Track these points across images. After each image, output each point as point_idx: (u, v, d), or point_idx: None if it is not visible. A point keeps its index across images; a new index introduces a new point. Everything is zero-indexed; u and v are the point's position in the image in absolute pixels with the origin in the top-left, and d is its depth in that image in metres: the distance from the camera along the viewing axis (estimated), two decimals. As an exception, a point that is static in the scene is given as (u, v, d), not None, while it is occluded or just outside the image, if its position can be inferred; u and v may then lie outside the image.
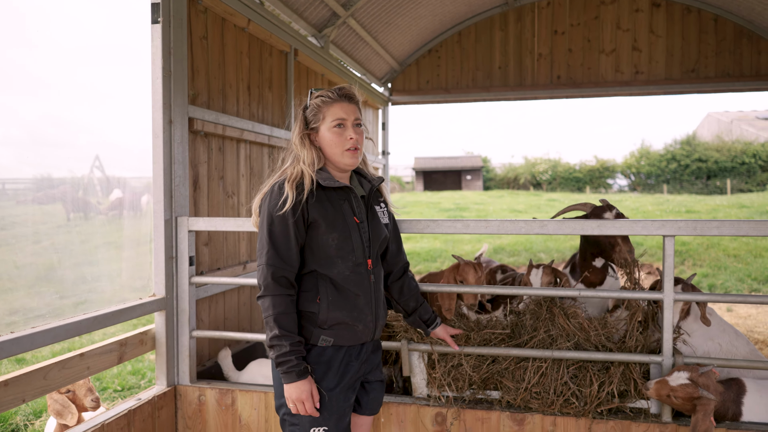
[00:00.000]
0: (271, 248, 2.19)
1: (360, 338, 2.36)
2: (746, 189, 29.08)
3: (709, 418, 2.51)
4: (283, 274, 2.20)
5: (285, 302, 2.19)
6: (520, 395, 2.94)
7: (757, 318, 7.71)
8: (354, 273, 2.31)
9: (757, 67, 6.96)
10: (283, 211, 2.19)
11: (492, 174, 39.32)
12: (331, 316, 2.27)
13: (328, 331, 2.28)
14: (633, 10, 7.26)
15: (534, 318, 3.06)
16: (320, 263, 2.27)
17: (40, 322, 2.52)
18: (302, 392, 2.18)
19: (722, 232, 2.74)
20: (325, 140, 2.32)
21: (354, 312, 2.31)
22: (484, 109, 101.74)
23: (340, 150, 2.31)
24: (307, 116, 2.37)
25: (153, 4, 3.22)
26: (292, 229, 2.20)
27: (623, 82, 7.34)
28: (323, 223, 2.25)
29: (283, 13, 5.06)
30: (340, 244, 2.27)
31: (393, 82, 8.02)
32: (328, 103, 2.33)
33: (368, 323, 2.36)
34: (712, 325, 3.25)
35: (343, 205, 2.33)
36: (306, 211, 2.23)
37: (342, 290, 2.29)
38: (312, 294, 2.28)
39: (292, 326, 2.19)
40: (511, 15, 7.60)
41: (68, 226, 4.48)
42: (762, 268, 10.76)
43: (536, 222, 2.94)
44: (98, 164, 4.64)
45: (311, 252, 2.27)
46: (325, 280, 2.28)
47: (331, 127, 2.31)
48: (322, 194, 2.29)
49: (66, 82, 3.86)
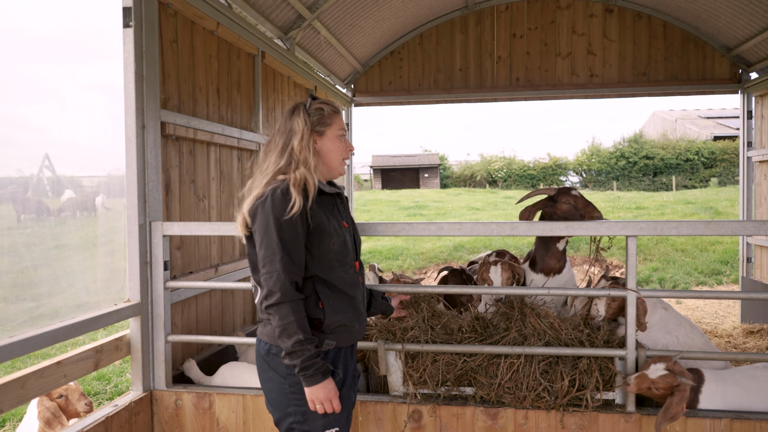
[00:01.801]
0: (285, 254, 2.17)
1: (355, 337, 2.43)
2: (690, 185, 30.29)
3: (683, 404, 2.69)
4: (295, 279, 2.21)
5: (300, 307, 2.20)
6: (494, 391, 3.06)
7: (704, 309, 8.11)
8: (349, 275, 2.37)
9: (702, 71, 7.31)
10: (291, 216, 2.18)
11: (449, 172, 39.78)
12: (334, 320, 2.31)
13: (331, 335, 2.32)
14: (587, 15, 7.51)
15: (505, 319, 3.19)
16: (321, 268, 2.29)
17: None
18: (329, 391, 2.21)
19: (680, 232, 2.92)
20: (327, 147, 2.37)
21: (352, 313, 2.38)
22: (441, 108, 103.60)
23: (340, 158, 2.41)
24: (311, 119, 2.36)
25: (125, 8, 3.20)
26: (301, 234, 2.21)
27: (579, 85, 7.59)
28: (324, 228, 2.28)
29: (250, 15, 5.06)
30: (338, 249, 2.32)
31: (356, 84, 8.08)
32: (335, 113, 2.42)
33: (362, 322, 2.46)
34: (669, 318, 3.45)
35: (333, 210, 2.39)
36: (309, 217, 2.24)
37: (339, 293, 2.33)
38: (313, 299, 2.29)
39: (309, 330, 2.21)
40: (471, 18, 7.76)
41: (19, 228, 4.37)
42: (708, 261, 11.29)
43: (507, 224, 3.07)
44: (48, 163, 4.54)
45: (312, 257, 2.27)
46: (322, 285, 2.31)
47: (337, 135, 2.39)
48: (319, 200, 2.32)
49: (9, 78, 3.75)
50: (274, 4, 5.23)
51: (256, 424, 3.24)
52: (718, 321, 7.41)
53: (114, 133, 3.75)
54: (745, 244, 7.07)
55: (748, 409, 2.97)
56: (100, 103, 3.86)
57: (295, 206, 2.18)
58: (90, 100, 3.97)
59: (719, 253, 11.68)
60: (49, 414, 2.86)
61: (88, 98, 3.96)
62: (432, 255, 13.09)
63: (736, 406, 2.97)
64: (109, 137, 3.89)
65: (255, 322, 5.03)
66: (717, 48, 7.15)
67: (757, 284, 6.78)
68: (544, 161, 36.51)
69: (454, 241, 13.63)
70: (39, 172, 4.51)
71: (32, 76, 3.91)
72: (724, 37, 6.94)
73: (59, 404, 3.04)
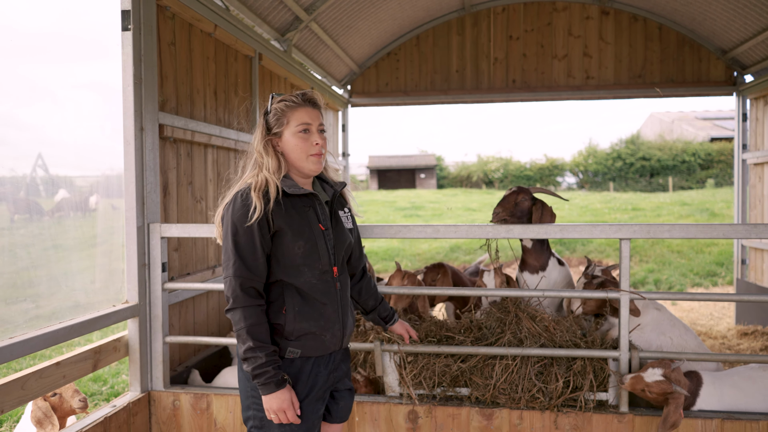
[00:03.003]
0: (238, 259, 2.13)
1: (328, 348, 2.30)
2: (687, 186, 30.38)
3: (680, 410, 2.73)
4: (252, 285, 2.15)
5: (256, 313, 2.14)
6: (489, 392, 3.09)
7: (699, 311, 8.15)
8: (320, 281, 2.26)
9: (698, 73, 7.36)
10: (249, 221, 2.13)
11: (446, 172, 39.81)
12: (297, 327, 2.21)
13: (295, 342, 2.22)
14: (584, 17, 7.55)
15: (500, 322, 3.22)
16: (286, 272, 2.21)
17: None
18: (283, 401, 2.13)
19: (673, 235, 2.95)
20: (289, 146, 2.26)
21: (321, 321, 2.25)
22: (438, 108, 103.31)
23: (305, 155, 2.26)
24: (269, 121, 2.30)
25: (123, 12, 3.22)
26: (258, 238, 2.14)
27: (575, 87, 7.63)
28: (289, 231, 2.19)
29: (247, 18, 5.08)
30: (306, 252, 2.22)
31: (352, 84, 8.11)
32: (293, 108, 2.27)
33: (336, 332, 2.31)
34: (663, 319, 3.48)
35: (308, 212, 2.27)
36: (271, 220, 2.17)
37: (309, 299, 2.24)
38: (278, 304, 2.23)
39: (266, 336, 2.14)
40: (467, 20, 7.79)
41: (13, 228, 4.38)
42: (703, 263, 11.34)
43: (503, 226, 3.10)
44: (41, 163, 4.55)
45: (277, 261, 2.21)
46: (291, 290, 2.23)
47: (296, 132, 2.25)
48: (287, 202, 2.23)
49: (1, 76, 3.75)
50: (272, 5, 5.25)
51: (253, 425, 3.26)
52: (713, 322, 7.45)
53: (108, 133, 3.78)
54: (740, 246, 7.12)
55: (745, 411, 3.00)
56: (94, 102, 3.86)
57: (253, 210, 2.13)
58: (83, 99, 3.97)
59: (714, 254, 11.73)
60: (41, 414, 2.88)
61: (81, 97, 3.97)
62: (428, 256, 13.12)
63: (733, 407, 3.01)
64: (103, 137, 3.91)
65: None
66: (712, 50, 7.20)
67: (751, 286, 6.83)
68: (540, 162, 36.57)
69: (450, 242, 13.66)
70: (32, 171, 4.52)
71: (25, 75, 3.91)
72: (719, 39, 6.99)
73: (53, 403, 3.05)
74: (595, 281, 3.37)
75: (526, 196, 3.69)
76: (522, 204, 3.67)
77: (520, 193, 3.70)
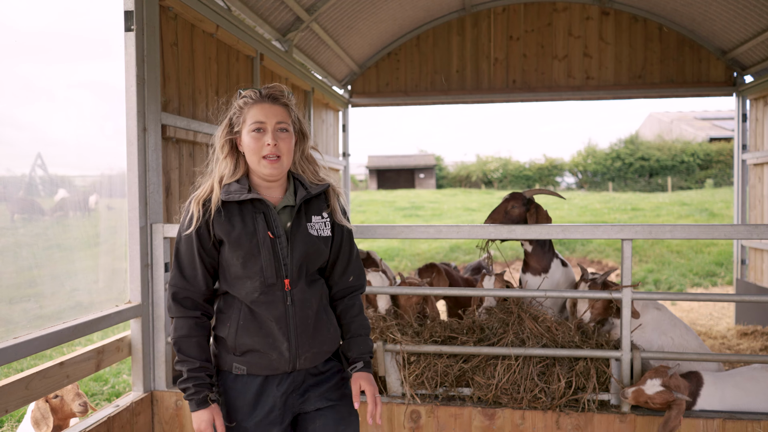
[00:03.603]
0: (176, 268, 2.04)
1: (276, 368, 2.05)
2: (686, 186, 30.41)
3: (680, 416, 2.75)
4: (187, 295, 2.03)
5: (187, 325, 2.01)
6: (491, 392, 3.10)
7: (698, 311, 8.17)
8: (264, 295, 2.02)
9: (698, 73, 7.38)
10: (188, 231, 2.02)
11: (445, 172, 39.83)
12: (239, 342, 2.03)
13: (240, 358, 2.04)
14: (584, 18, 7.57)
15: (502, 323, 3.23)
16: (230, 284, 2.05)
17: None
18: (201, 422, 1.98)
19: (675, 235, 2.96)
20: (245, 146, 2.05)
21: (266, 339, 2.03)
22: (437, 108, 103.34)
23: (257, 158, 2.02)
24: (231, 119, 2.09)
25: (126, 12, 3.23)
26: (196, 248, 2.02)
27: (575, 87, 7.64)
28: (227, 241, 2.02)
29: (249, 18, 5.09)
30: (245, 263, 2.01)
31: (353, 85, 8.11)
32: (250, 105, 2.04)
33: (283, 352, 2.04)
34: (664, 318, 3.49)
35: (256, 218, 2.04)
36: (212, 229, 2.02)
37: (254, 314, 2.04)
38: (224, 317, 2.07)
39: (193, 351, 2.00)
40: (468, 20, 7.80)
41: (13, 228, 4.38)
42: (702, 263, 11.37)
43: (504, 227, 3.11)
44: (40, 162, 4.55)
45: (222, 272, 2.07)
46: (236, 303, 2.06)
47: (249, 131, 2.02)
48: (233, 208, 2.04)
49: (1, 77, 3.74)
50: (273, 6, 5.26)
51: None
52: (712, 322, 7.47)
53: (108, 133, 3.78)
54: (740, 246, 7.13)
55: (748, 411, 3.01)
56: (93, 102, 3.86)
57: (190, 219, 2.02)
58: (82, 98, 3.98)
59: (714, 254, 11.76)
60: (39, 414, 2.91)
61: (80, 97, 3.97)
62: (428, 256, 13.13)
63: (735, 407, 3.02)
64: (103, 136, 3.91)
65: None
66: (712, 51, 7.21)
67: (751, 286, 6.84)
68: (539, 162, 36.59)
69: (450, 242, 13.67)
70: (31, 171, 4.52)
71: (22, 74, 3.91)
72: (719, 40, 7.00)
73: (54, 405, 3.06)
74: (599, 280, 3.37)
75: (517, 203, 3.67)
76: (512, 212, 3.67)
77: (510, 200, 3.69)
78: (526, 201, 3.71)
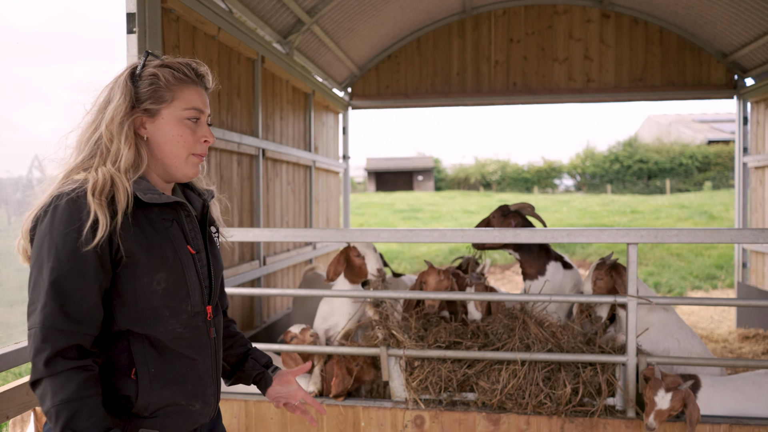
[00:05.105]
0: (53, 301, 1.38)
1: (196, 421, 1.61)
2: (684, 189, 30.45)
3: (695, 402, 2.77)
4: (76, 342, 1.40)
5: (78, 381, 1.37)
6: (496, 397, 3.08)
7: (699, 314, 8.16)
8: (189, 328, 1.56)
9: (698, 76, 7.37)
10: (85, 243, 1.41)
11: (443, 174, 39.86)
12: (156, 397, 1.50)
13: (152, 420, 1.51)
14: (584, 20, 7.56)
15: (507, 329, 3.22)
16: (138, 319, 1.49)
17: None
18: None
19: (681, 239, 2.95)
20: (165, 134, 1.57)
21: (189, 385, 1.57)
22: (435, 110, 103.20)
23: (186, 153, 1.59)
24: (138, 90, 1.56)
25: (128, 14, 3.20)
26: (93, 269, 1.42)
27: (576, 90, 7.64)
28: (144, 258, 1.49)
29: (250, 20, 5.07)
30: (169, 289, 1.52)
31: (353, 87, 8.10)
32: (184, 83, 1.59)
33: (208, 397, 1.63)
34: (670, 320, 3.46)
35: (170, 229, 1.57)
36: (117, 242, 1.46)
37: (170, 355, 1.53)
38: (123, 365, 1.49)
39: (94, 417, 1.37)
40: (468, 23, 7.79)
41: (10, 230, 4.36)
42: (702, 266, 11.36)
43: (509, 230, 3.09)
44: (38, 164, 4.52)
45: (123, 303, 1.49)
46: (141, 342, 1.50)
47: (182, 117, 1.58)
48: (139, 214, 1.52)
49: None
50: (274, 8, 5.24)
51: (258, 430, 3.25)
52: (713, 326, 7.46)
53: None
54: (741, 249, 7.12)
55: (749, 416, 2.99)
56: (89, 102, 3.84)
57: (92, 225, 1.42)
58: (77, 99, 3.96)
59: (714, 257, 11.75)
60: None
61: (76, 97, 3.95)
62: (427, 258, 13.11)
63: (736, 412, 3.00)
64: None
65: (252, 327, 5.03)
66: (713, 54, 7.21)
67: (752, 290, 6.83)
68: (538, 164, 36.64)
69: (449, 245, 13.66)
70: (28, 173, 4.49)
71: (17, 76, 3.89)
72: (720, 43, 7.00)
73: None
74: (608, 262, 3.36)
75: (517, 220, 3.71)
76: (492, 223, 3.72)
77: (509, 217, 3.73)
78: (508, 213, 3.75)
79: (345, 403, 3.20)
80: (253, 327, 5.02)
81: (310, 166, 6.69)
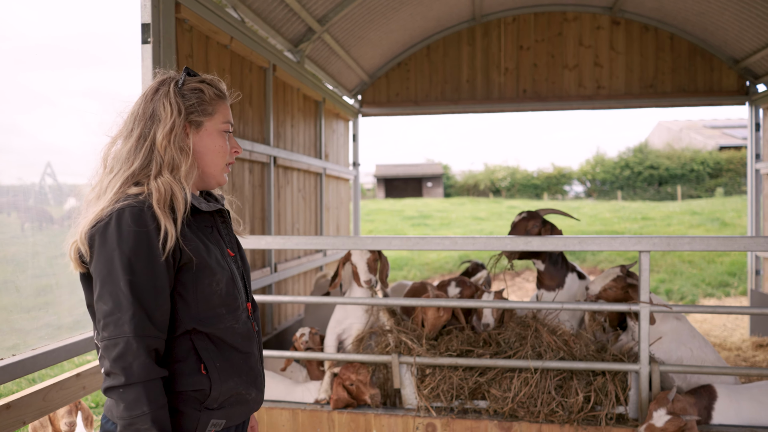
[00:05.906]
0: (138, 309, 1.47)
1: (251, 409, 1.75)
2: (695, 195, 30.26)
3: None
4: (157, 346, 1.52)
5: (161, 390, 1.51)
6: (508, 405, 3.07)
7: (712, 322, 8.10)
8: (240, 324, 1.70)
9: (710, 82, 7.35)
10: (158, 253, 1.51)
11: (452, 181, 39.83)
12: (225, 387, 1.64)
13: (220, 410, 1.64)
14: (594, 27, 7.56)
15: (519, 337, 3.21)
16: (202, 319, 1.61)
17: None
18: None
19: (693, 247, 2.94)
20: (207, 144, 1.70)
21: (247, 376, 1.70)
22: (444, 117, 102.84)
23: (224, 162, 1.74)
24: (186, 103, 1.66)
25: (143, 25, 3.25)
26: (163, 277, 1.53)
27: (586, 96, 7.63)
28: (203, 261, 1.61)
29: (262, 29, 5.12)
30: (225, 289, 1.66)
31: (363, 94, 8.13)
32: (221, 98, 1.74)
33: (260, 385, 1.77)
34: (683, 329, 3.45)
35: (213, 234, 1.72)
36: (179, 249, 1.57)
37: (229, 350, 1.67)
38: (191, 364, 1.61)
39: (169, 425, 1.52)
40: (478, 30, 7.81)
41: (23, 237, 4.39)
42: (715, 273, 11.27)
43: (521, 238, 3.09)
44: (50, 171, 4.57)
45: (186, 305, 1.59)
46: (202, 340, 1.62)
47: (221, 129, 1.72)
48: (193, 221, 1.66)
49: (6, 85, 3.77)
50: (285, 17, 5.29)
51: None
52: (726, 333, 7.40)
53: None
54: (754, 257, 7.07)
55: (767, 425, 2.97)
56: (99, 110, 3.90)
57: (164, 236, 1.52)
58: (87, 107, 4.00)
59: (726, 264, 11.66)
60: (37, 423, 2.94)
61: (88, 106, 4.00)
62: (437, 265, 13.11)
63: (753, 421, 2.97)
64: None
65: (264, 334, 5.05)
66: (724, 60, 7.18)
67: (766, 297, 6.77)
68: (548, 171, 36.53)
69: (459, 252, 13.64)
70: (41, 180, 4.54)
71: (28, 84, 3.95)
72: (731, 49, 6.97)
73: (51, 416, 3.09)
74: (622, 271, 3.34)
75: (537, 223, 3.62)
76: (532, 231, 3.61)
77: (531, 219, 3.63)
78: (543, 221, 3.67)
79: (356, 411, 3.20)
80: (264, 334, 5.04)
81: (321, 173, 6.72)
